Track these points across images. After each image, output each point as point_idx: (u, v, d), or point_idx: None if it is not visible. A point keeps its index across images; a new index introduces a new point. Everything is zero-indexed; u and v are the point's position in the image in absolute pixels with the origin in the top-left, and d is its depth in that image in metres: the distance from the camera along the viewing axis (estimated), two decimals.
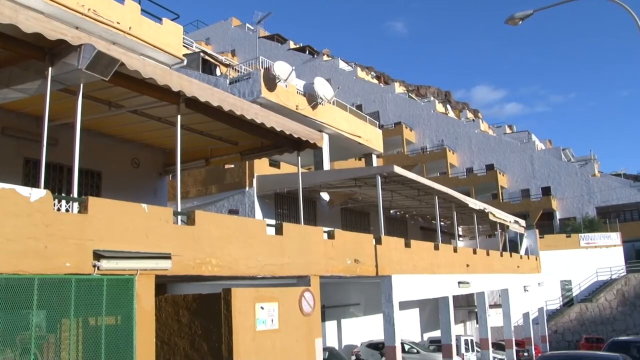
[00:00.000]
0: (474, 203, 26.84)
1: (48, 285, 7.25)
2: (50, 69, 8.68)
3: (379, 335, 22.68)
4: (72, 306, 7.53)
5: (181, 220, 10.21)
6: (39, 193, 7.49)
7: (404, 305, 18.78)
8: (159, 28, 16.18)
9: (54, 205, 7.82)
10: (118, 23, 14.78)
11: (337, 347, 23.96)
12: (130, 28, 15.10)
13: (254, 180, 23.14)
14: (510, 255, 31.29)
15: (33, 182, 12.03)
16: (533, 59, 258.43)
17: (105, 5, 14.51)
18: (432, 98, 79.76)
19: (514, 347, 29.16)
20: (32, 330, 7.07)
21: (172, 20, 16.82)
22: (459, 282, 21.92)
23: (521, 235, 41.17)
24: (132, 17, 15.28)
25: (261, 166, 23.51)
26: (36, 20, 7.92)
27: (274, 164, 24.74)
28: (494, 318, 32.65)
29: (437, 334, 27.66)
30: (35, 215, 7.37)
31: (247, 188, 23.22)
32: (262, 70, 23.18)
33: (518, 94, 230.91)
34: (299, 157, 14.55)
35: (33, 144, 11.27)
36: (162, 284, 12.27)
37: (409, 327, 28.92)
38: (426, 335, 31.61)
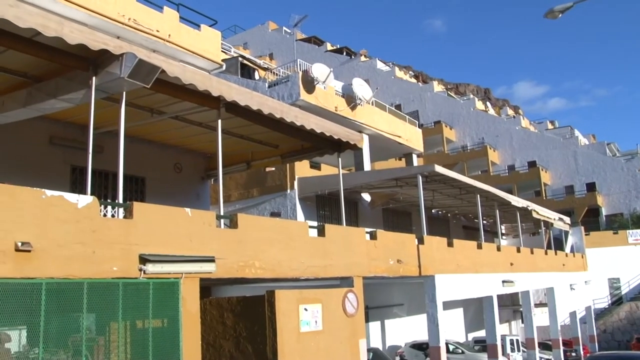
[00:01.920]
0: (516, 201, 26.40)
1: (97, 289, 7.43)
2: (94, 78, 8.89)
3: (422, 336, 22.50)
4: (120, 309, 7.70)
5: (224, 223, 10.31)
6: (86, 200, 7.67)
7: (448, 305, 18.58)
8: (197, 34, 16.40)
9: (101, 211, 8.00)
10: (157, 31, 15.04)
11: (381, 348, 23.88)
12: (169, 35, 15.35)
13: (295, 183, 23.23)
14: (555, 253, 30.65)
15: (80, 189, 12.33)
16: (576, 53, 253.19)
17: (144, 14, 14.79)
18: (471, 96, 78.72)
19: (561, 347, 28.55)
20: (83, 332, 7.25)
21: (210, 26, 17.02)
22: (503, 281, 21.59)
23: (566, 233, 40.29)
24: (171, 24, 15.53)
25: (302, 168, 23.59)
26: (80, 32, 8.12)
27: (315, 165, 24.80)
28: (540, 317, 31.98)
29: (481, 333, 27.33)
30: (83, 221, 7.55)
31: (288, 190, 23.33)
32: (300, 73, 23.26)
33: (561, 88, 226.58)
34: (340, 159, 14.55)
35: (79, 151, 11.56)
36: (207, 286, 12.43)
37: (453, 327, 28.63)
38: (471, 335, 31.23)
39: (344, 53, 69.85)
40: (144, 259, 8.16)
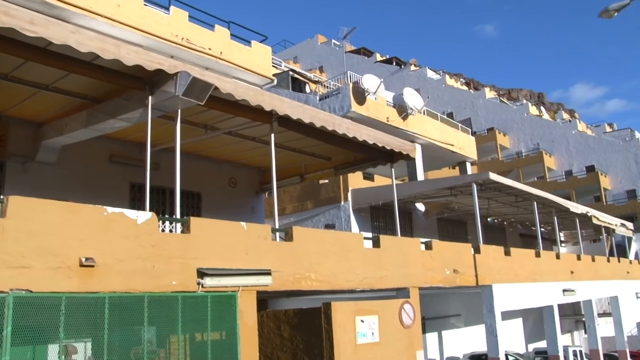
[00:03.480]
0: (575, 207, 25.68)
1: (157, 302, 7.60)
2: (150, 97, 9.15)
3: (481, 347, 22.05)
4: (179, 322, 7.84)
5: (279, 236, 10.40)
6: (145, 215, 7.88)
7: (507, 315, 18.19)
8: (248, 51, 16.67)
9: (159, 227, 8.19)
10: (210, 49, 15.36)
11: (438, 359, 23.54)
12: (221, 53, 15.65)
13: (349, 194, 23.23)
14: (619, 261, 29.60)
15: (139, 205, 12.65)
16: (636, 51, 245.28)
17: (197, 33, 15.13)
18: (524, 101, 77.20)
19: (629, 359, 27.50)
20: (144, 345, 7.42)
21: (260, 42, 17.28)
22: (564, 290, 20.98)
23: (629, 239, 38.88)
24: (222, 42, 15.84)
25: (355, 180, 23.58)
26: (136, 53, 8.39)
27: (368, 177, 24.75)
28: (604, 327, 30.86)
29: (542, 344, 26.56)
30: (142, 236, 7.75)
31: (342, 202, 23.34)
32: (351, 85, 23.32)
33: (621, 89, 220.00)
34: (393, 169, 14.49)
35: (137, 169, 11.88)
36: (263, 299, 12.52)
37: (512, 338, 27.95)
38: (531, 346, 30.39)
39: (394, 63, 69.63)
40: (201, 273, 8.30)
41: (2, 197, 6.79)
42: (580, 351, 26.87)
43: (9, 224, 6.44)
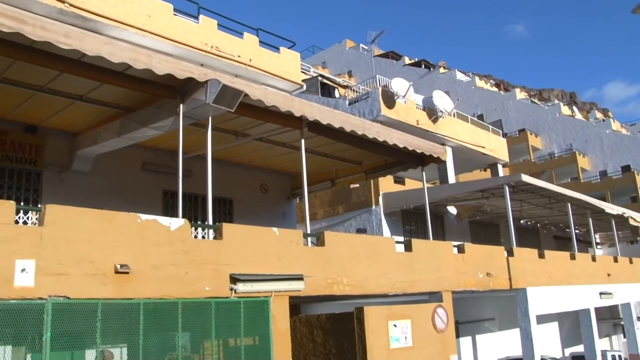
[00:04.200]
0: (610, 208, 25.19)
1: (190, 308, 7.68)
2: (181, 105, 9.27)
3: (516, 351, 21.73)
4: (213, 328, 7.91)
5: (311, 241, 10.43)
6: (178, 222, 7.97)
7: (542, 319, 17.92)
8: (277, 57, 16.77)
9: (192, 233, 8.28)
10: (239, 56, 15.49)
11: None
12: (250, 60, 15.77)
13: (380, 198, 23.15)
14: None
15: (171, 212, 12.81)
16: None
17: (226, 41, 15.28)
18: (556, 101, 76.03)
19: None
20: (179, 350, 7.51)
21: (289, 48, 17.37)
22: (601, 293, 20.59)
23: None
24: (251, 49, 15.96)
25: (386, 184, 23.49)
26: (167, 62, 8.52)
27: (399, 180, 24.63)
28: None
29: (579, 349, 26.06)
30: (175, 243, 7.84)
31: (373, 206, 23.28)
32: (380, 89, 23.28)
33: None
34: (424, 172, 14.42)
35: (169, 176, 12.02)
36: (296, 304, 12.56)
37: (548, 342, 27.48)
38: (567, 351, 29.83)
39: (423, 66, 69.30)
40: (234, 279, 8.36)
41: (40, 205, 6.94)
42: (620, 356, 26.30)
43: (47, 232, 6.59)
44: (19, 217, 10.58)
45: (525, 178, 18.84)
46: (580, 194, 22.44)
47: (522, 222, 30.38)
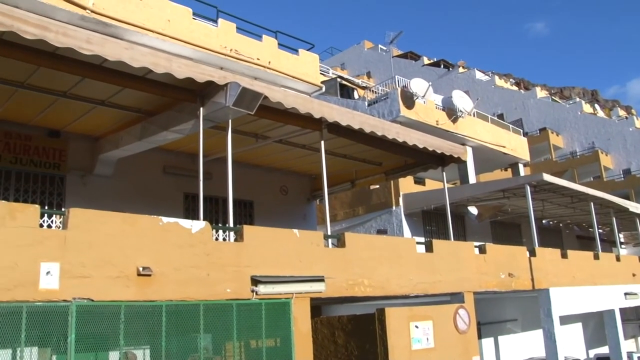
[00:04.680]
0: (635, 207, 24.84)
1: (212, 310, 7.73)
2: (201, 109, 9.35)
3: (539, 352, 21.54)
4: (234, 329, 7.95)
5: (332, 243, 10.43)
6: (199, 225, 8.03)
7: (565, 320, 17.72)
8: (296, 59, 16.80)
9: (213, 235, 8.33)
10: (258, 59, 15.55)
11: None
12: (269, 62, 15.83)
13: (400, 199, 23.09)
14: None
15: (192, 215, 12.91)
16: None
17: (245, 44, 15.35)
18: (577, 99, 75.10)
19: None
20: (201, 352, 7.56)
21: (307, 50, 17.39)
22: (626, 294, 20.31)
23: None
24: (270, 52, 16.02)
25: (406, 184, 23.42)
26: (186, 66, 8.59)
27: (419, 181, 24.55)
28: None
29: (604, 350, 25.73)
30: (197, 245, 7.90)
31: (393, 207, 23.22)
32: (399, 89, 23.21)
33: None
34: (444, 173, 14.36)
35: (190, 179, 12.11)
36: (317, 306, 12.58)
37: (572, 343, 27.17)
38: (592, 352, 29.46)
39: (442, 66, 68.95)
40: (255, 281, 8.40)
41: (63, 209, 7.04)
42: None
43: (71, 235, 6.68)
44: (44, 221, 10.73)
45: (547, 177, 18.67)
46: (603, 193, 22.19)
47: (544, 222, 30.10)
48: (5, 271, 6.10)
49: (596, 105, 76.62)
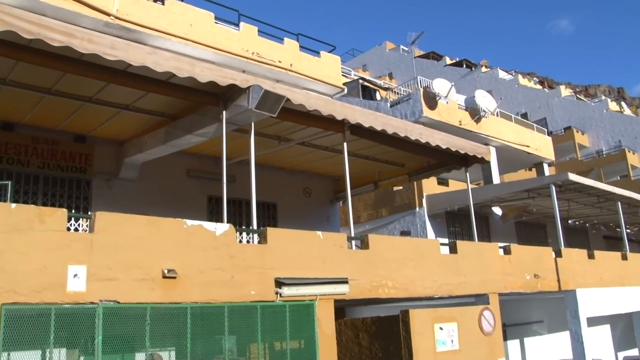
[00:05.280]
0: None
1: (236, 312, 7.77)
2: (224, 112, 9.40)
3: (566, 355, 21.27)
4: (259, 331, 7.99)
5: (355, 244, 10.42)
6: (223, 227, 8.08)
7: (593, 321, 17.49)
8: (318, 61, 16.83)
9: (237, 238, 8.38)
10: (280, 62, 15.61)
11: None
12: (291, 65, 15.87)
13: (424, 200, 22.99)
14: None
15: (216, 218, 12.99)
16: None
17: (266, 47, 15.42)
18: (603, 97, 74.01)
19: None
20: (225, 354, 7.61)
21: (329, 52, 17.41)
22: None
23: None
24: (292, 54, 16.07)
25: (430, 185, 23.32)
26: (209, 70, 8.66)
27: (442, 182, 24.43)
28: None
29: (634, 352, 25.33)
30: (221, 248, 7.95)
31: (417, 208, 23.13)
32: (422, 90, 23.14)
33: None
34: (467, 173, 14.27)
35: (214, 182, 12.19)
36: (341, 307, 12.59)
37: (600, 345, 26.79)
38: (621, 355, 29.02)
39: (464, 66, 68.49)
40: (279, 283, 8.43)
41: (90, 213, 7.14)
42: None
43: (97, 238, 6.77)
44: (71, 225, 10.88)
45: (573, 177, 18.46)
46: (630, 192, 21.84)
47: (569, 222, 29.74)
48: (34, 274, 6.21)
49: (622, 103, 75.38)
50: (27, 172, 11.61)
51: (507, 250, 13.54)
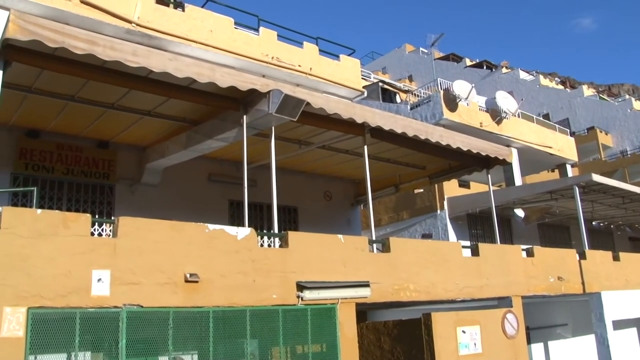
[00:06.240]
0: None
1: (258, 316, 7.81)
2: (244, 117, 9.47)
3: (591, 358, 21.00)
4: (280, 335, 8.02)
5: (377, 248, 10.41)
6: (244, 231, 8.13)
7: (619, 325, 17.24)
8: (337, 65, 16.83)
9: (258, 242, 8.42)
10: (299, 66, 15.63)
11: None
12: (310, 69, 15.90)
13: (445, 203, 22.87)
14: None
15: (238, 222, 13.05)
16: None
17: (286, 51, 15.46)
18: (627, 96, 72.95)
19: None
20: (247, 357, 7.65)
21: (348, 55, 17.40)
22: None
23: None
24: (311, 58, 16.09)
25: (451, 188, 23.20)
26: (229, 75, 8.73)
27: (464, 184, 24.28)
28: None
29: None
30: (242, 252, 7.99)
31: (438, 211, 23.02)
32: (442, 92, 23.04)
33: None
34: (489, 175, 14.18)
35: (235, 186, 12.27)
36: (362, 311, 12.56)
37: (626, 349, 26.39)
38: None
39: (484, 67, 67.94)
40: (301, 286, 8.44)
41: (113, 218, 7.23)
42: None
43: (120, 243, 6.85)
44: (94, 230, 11.02)
45: (596, 178, 18.24)
46: None
47: (594, 223, 29.37)
48: (59, 278, 6.31)
49: None
50: (52, 178, 11.79)
51: (530, 253, 13.42)
